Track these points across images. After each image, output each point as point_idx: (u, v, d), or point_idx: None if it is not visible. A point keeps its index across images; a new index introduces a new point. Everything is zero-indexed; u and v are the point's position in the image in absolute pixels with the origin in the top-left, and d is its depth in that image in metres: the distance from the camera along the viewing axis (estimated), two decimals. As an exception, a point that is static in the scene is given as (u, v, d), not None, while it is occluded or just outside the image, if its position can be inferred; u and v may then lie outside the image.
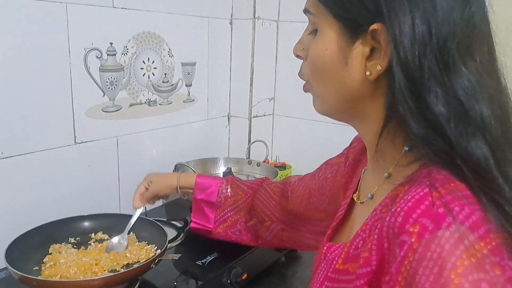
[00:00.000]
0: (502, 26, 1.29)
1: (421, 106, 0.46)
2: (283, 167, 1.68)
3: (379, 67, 0.49)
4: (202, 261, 1.10)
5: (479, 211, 0.41)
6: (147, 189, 1.07)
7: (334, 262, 0.58)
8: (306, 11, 0.56)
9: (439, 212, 0.41)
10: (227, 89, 1.72)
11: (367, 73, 0.50)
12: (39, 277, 0.89)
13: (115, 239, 1.03)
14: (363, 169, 0.67)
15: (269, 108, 1.76)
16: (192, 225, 1.06)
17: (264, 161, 1.57)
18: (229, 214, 1.02)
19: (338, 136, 1.68)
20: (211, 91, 1.64)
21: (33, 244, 0.98)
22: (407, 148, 0.51)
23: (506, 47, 1.33)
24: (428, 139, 0.46)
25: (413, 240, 0.41)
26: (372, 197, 0.58)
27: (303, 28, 0.59)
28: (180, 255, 0.99)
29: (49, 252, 1.00)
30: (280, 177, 1.57)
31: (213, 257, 1.12)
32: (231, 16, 1.65)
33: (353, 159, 0.77)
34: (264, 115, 1.75)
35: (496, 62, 0.49)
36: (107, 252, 1.00)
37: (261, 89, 1.70)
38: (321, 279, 0.60)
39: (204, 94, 1.62)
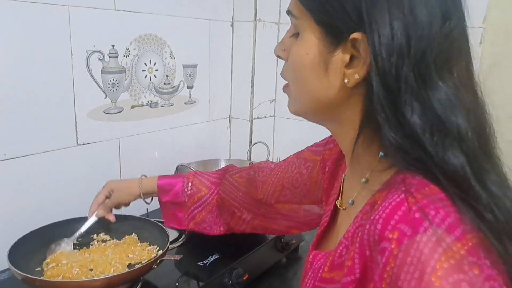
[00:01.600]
0: (500, 29, 1.29)
1: (398, 116, 0.46)
2: (284, 168, 1.68)
3: (357, 76, 0.49)
4: (204, 262, 1.10)
5: (454, 213, 0.42)
6: (107, 197, 1.04)
7: (321, 271, 0.58)
8: (288, 12, 0.56)
9: (416, 217, 0.42)
10: (228, 91, 1.73)
11: (345, 80, 0.50)
12: (41, 278, 0.90)
13: (63, 243, 1.03)
14: (343, 175, 0.67)
15: (270, 110, 1.77)
16: (166, 226, 1.05)
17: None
18: (196, 211, 1.02)
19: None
20: (213, 93, 1.65)
21: (36, 245, 0.99)
22: (382, 154, 0.52)
23: (505, 48, 1.33)
24: (405, 148, 0.46)
25: (393, 246, 0.41)
26: (352, 203, 0.59)
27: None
28: (181, 255, 0.99)
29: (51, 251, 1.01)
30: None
31: (214, 258, 1.12)
32: (232, 19, 1.66)
33: (333, 164, 0.77)
34: (265, 116, 1.76)
35: (473, 76, 0.50)
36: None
37: (262, 91, 1.71)
38: None
39: (205, 96, 1.62)
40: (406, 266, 0.40)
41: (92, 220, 1.03)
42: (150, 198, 1.07)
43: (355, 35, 0.48)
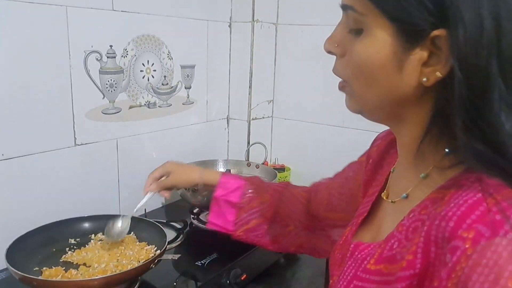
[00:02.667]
0: None
1: (480, 119, 0.44)
2: (282, 169, 1.69)
3: (438, 74, 0.46)
4: (202, 261, 1.10)
5: None
6: (162, 176, 1.01)
7: (365, 262, 0.56)
8: (348, 7, 0.51)
9: (496, 218, 0.40)
10: (226, 91, 1.73)
11: (424, 79, 0.48)
12: (39, 277, 0.90)
13: (116, 224, 1.03)
14: (392, 168, 0.65)
15: (268, 111, 1.77)
16: (208, 225, 0.99)
17: (263, 163, 1.58)
18: (252, 216, 0.96)
19: (337, 138, 1.70)
20: (210, 94, 1.65)
21: (34, 245, 0.99)
22: (448, 151, 0.50)
23: None
24: (483, 152, 0.44)
25: (467, 246, 0.40)
26: (407, 197, 0.57)
27: (301, 31, 0.59)
28: (179, 255, 0.99)
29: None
30: (279, 179, 1.57)
31: (212, 258, 1.12)
32: (230, 19, 1.66)
33: (378, 156, 0.75)
34: (263, 117, 1.76)
35: None
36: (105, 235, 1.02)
37: (260, 92, 1.71)
38: (349, 277, 0.59)
39: (203, 96, 1.63)
40: (480, 268, 0.39)
41: (148, 195, 1.01)
42: (205, 191, 1.05)
43: (438, 32, 0.45)
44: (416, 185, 0.55)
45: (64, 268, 0.95)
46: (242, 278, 1.07)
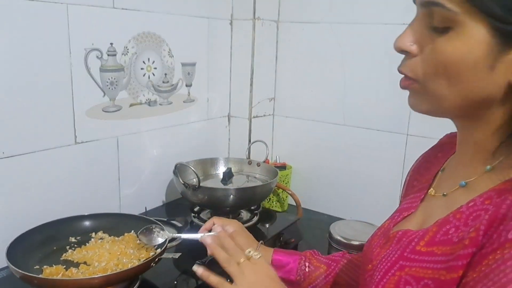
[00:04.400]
0: None
1: None
2: (283, 167, 1.69)
3: None
4: (202, 260, 1.10)
5: None
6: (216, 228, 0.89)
7: (413, 244, 0.57)
8: (434, 4, 0.50)
9: None
10: (227, 89, 1.73)
11: None
12: (40, 276, 0.89)
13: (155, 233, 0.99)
14: (441, 168, 0.67)
15: (269, 109, 1.77)
16: None
17: (264, 161, 1.58)
18: None
19: (338, 137, 1.70)
20: (211, 92, 1.65)
21: (34, 243, 0.99)
22: None
23: None
24: None
25: None
26: (465, 185, 0.57)
27: (303, 28, 0.58)
28: (180, 254, 0.99)
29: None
30: (280, 177, 1.57)
31: (213, 257, 1.12)
32: (231, 17, 1.66)
33: (419, 165, 0.77)
34: (264, 115, 1.76)
35: None
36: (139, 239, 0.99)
37: (261, 89, 1.71)
38: (393, 259, 0.59)
39: (204, 94, 1.62)
40: None
41: (198, 235, 0.89)
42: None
43: None
44: (480, 176, 0.56)
45: (64, 266, 0.95)
46: (243, 277, 1.06)
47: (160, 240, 0.98)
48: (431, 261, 0.53)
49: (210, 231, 0.90)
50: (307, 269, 0.93)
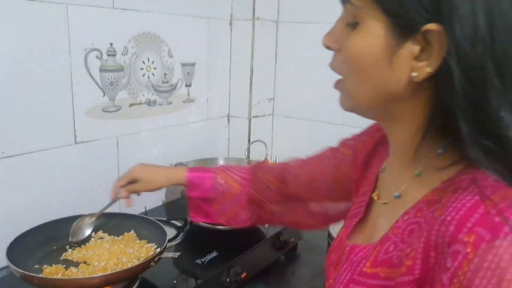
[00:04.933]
0: None
1: (481, 115, 0.44)
2: (282, 167, 1.69)
3: (428, 69, 0.46)
4: (202, 259, 1.11)
5: None
6: (130, 182, 0.99)
7: (361, 265, 0.56)
8: (346, 1, 0.52)
9: (495, 221, 0.40)
10: (226, 89, 1.73)
11: (414, 74, 0.48)
12: (40, 275, 0.90)
13: (85, 222, 1.02)
14: (381, 168, 0.65)
15: (268, 109, 1.77)
16: (192, 219, 1.01)
17: (263, 161, 1.58)
18: (226, 206, 0.97)
19: (338, 136, 1.69)
20: (211, 92, 1.65)
21: (34, 242, 1.00)
22: (441, 151, 0.50)
23: None
24: (488, 148, 0.44)
25: (468, 250, 0.40)
26: (399, 196, 0.56)
27: (302, 29, 0.59)
28: (179, 253, 0.99)
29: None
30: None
31: (212, 256, 1.12)
32: (230, 17, 1.66)
33: (366, 155, 0.74)
34: (264, 115, 1.76)
35: None
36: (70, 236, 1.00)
37: (261, 90, 1.71)
38: (345, 281, 0.58)
39: (203, 94, 1.63)
40: (482, 272, 0.39)
41: (114, 201, 1.00)
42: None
43: (430, 26, 0.45)
44: (409, 184, 0.55)
45: (64, 266, 0.95)
46: (242, 276, 1.07)
47: (88, 230, 1.02)
48: (376, 285, 0.52)
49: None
50: (222, 187, 0.96)
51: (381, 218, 0.60)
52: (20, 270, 0.84)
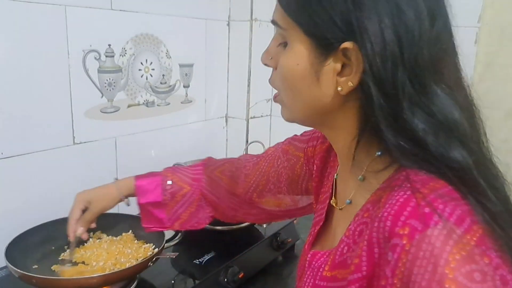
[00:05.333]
0: (495, 28, 1.30)
1: (400, 122, 0.47)
2: (280, 167, 1.69)
3: (350, 84, 0.50)
4: (200, 260, 1.11)
5: (460, 205, 0.44)
6: (83, 211, 0.95)
7: (321, 270, 0.58)
8: (274, 23, 0.56)
9: (425, 211, 0.43)
10: (224, 90, 1.74)
11: (339, 88, 0.51)
12: (38, 275, 0.90)
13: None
14: (335, 174, 0.68)
15: (266, 109, 1.78)
16: (146, 230, 0.97)
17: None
18: (180, 210, 0.95)
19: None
20: (209, 92, 1.66)
21: (33, 242, 1.00)
22: (379, 153, 0.53)
23: (500, 48, 1.34)
24: (409, 150, 0.48)
25: (404, 242, 0.43)
26: (350, 202, 0.59)
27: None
28: (177, 253, 1.00)
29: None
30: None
31: (210, 256, 1.13)
32: (228, 18, 1.67)
33: (321, 162, 0.77)
34: (262, 116, 1.77)
35: (461, 74, 0.52)
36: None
37: (259, 90, 1.71)
38: (309, 287, 0.60)
39: (201, 95, 1.63)
40: (419, 261, 0.41)
41: (76, 237, 0.95)
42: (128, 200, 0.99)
43: (346, 44, 0.48)
44: (356, 190, 0.58)
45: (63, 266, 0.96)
46: (240, 276, 1.08)
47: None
48: (335, 287, 0.54)
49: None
50: (172, 189, 0.94)
51: (339, 223, 0.63)
52: (19, 270, 0.85)
